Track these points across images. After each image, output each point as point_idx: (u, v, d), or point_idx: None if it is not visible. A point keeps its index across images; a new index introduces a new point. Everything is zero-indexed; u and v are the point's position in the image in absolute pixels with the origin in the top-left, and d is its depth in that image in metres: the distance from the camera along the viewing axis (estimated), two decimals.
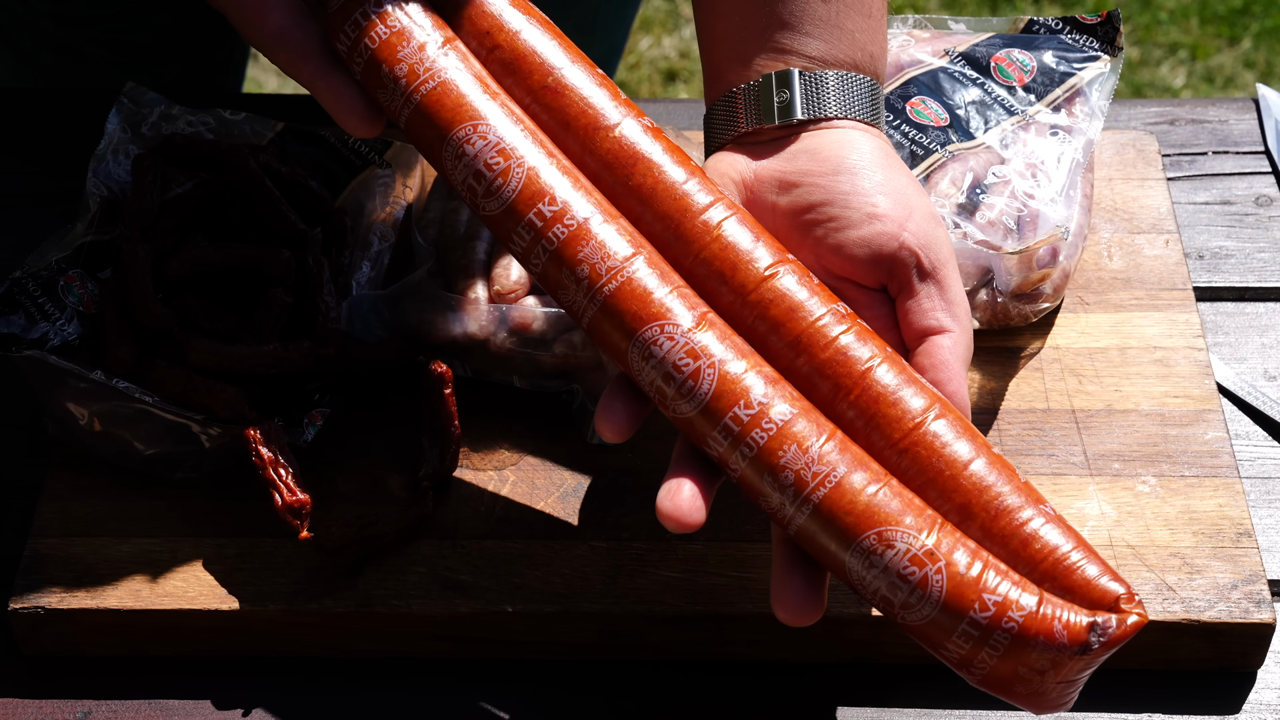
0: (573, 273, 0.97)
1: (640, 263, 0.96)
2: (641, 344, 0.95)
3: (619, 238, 0.97)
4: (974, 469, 0.92)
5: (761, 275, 0.97)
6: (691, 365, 0.94)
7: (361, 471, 1.11)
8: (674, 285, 0.96)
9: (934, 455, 0.93)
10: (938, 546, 0.90)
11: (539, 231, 0.97)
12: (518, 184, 0.98)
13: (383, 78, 1.00)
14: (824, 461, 0.92)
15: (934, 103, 1.20)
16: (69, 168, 1.25)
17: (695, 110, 1.40)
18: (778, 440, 0.92)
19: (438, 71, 0.99)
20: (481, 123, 0.99)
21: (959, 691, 1.04)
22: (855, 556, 0.91)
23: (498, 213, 0.98)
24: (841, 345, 0.95)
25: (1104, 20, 1.26)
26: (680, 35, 2.81)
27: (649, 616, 1.04)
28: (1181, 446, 1.12)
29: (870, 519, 0.90)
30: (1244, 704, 1.04)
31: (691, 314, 0.95)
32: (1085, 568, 0.90)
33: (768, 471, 0.92)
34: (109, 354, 1.08)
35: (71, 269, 1.12)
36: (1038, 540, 0.91)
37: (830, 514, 0.91)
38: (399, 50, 1.00)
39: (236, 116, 1.23)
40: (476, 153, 0.98)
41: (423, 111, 0.99)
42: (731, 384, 0.93)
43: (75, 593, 1.04)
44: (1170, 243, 1.25)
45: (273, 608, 1.04)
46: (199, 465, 1.10)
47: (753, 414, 0.93)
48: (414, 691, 1.05)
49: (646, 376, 0.96)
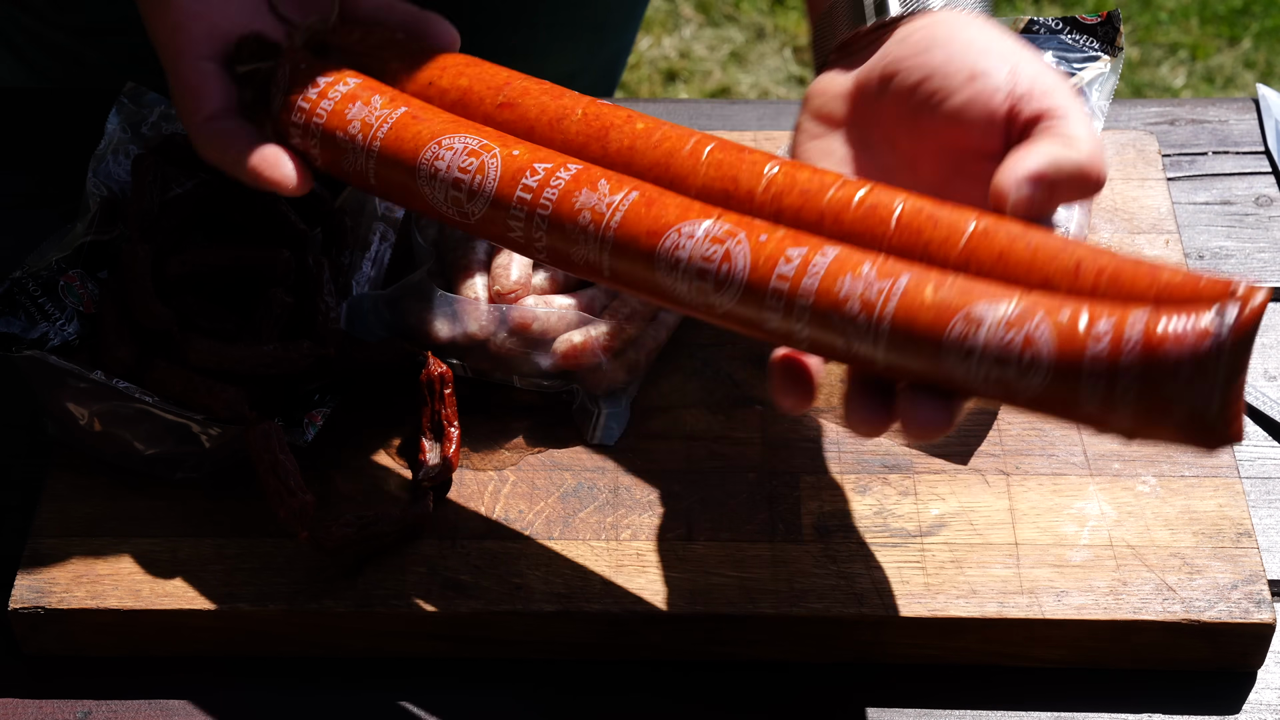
0: (576, 226, 0.93)
1: (640, 191, 0.93)
2: (665, 257, 0.91)
3: (613, 182, 0.94)
4: (1042, 245, 0.87)
5: (763, 176, 0.93)
6: (720, 250, 0.90)
7: (361, 471, 1.11)
8: (684, 203, 0.92)
9: (996, 251, 0.88)
10: (1030, 308, 0.84)
11: (530, 206, 0.94)
12: (495, 172, 0.96)
13: (340, 143, 1.00)
14: (883, 277, 0.87)
15: None
16: (69, 168, 1.25)
17: (695, 110, 1.41)
18: (829, 280, 0.87)
19: (389, 116, 0.99)
20: (444, 138, 0.98)
21: (959, 691, 1.04)
22: (949, 353, 0.85)
23: (485, 210, 0.96)
24: (868, 202, 0.90)
25: (1104, 20, 1.26)
26: (680, 35, 2.81)
27: (649, 616, 1.04)
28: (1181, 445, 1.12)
29: (948, 308, 0.85)
30: (1244, 704, 1.04)
31: (708, 219, 0.91)
32: (1184, 278, 0.83)
33: (831, 313, 0.87)
34: (109, 354, 1.08)
35: (71, 269, 1.12)
36: (1127, 271, 0.84)
37: (907, 320, 0.86)
38: (347, 112, 1.00)
39: None
40: (448, 164, 0.97)
41: (385, 155, 0.99)
42: (766, 252, 0.89)
43: (75, 593, 1.04)
44: (1170, 243, 1.25)
45: (273, 608, 1.04)
46: (199, 465, 1.10)
47: (794, 267, 0.88)
48: (414, 691, 1.05)
49: (681, 290, 0.91)
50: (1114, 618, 1.03)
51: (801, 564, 1.06)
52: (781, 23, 2.83)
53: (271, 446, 1.05)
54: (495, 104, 1.00)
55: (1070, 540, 1.07)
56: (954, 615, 1.04)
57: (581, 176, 0.95)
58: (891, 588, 1.05)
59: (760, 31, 2.82)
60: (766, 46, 2.80)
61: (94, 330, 1.11)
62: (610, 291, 1.15)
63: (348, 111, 1.00)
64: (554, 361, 1.13)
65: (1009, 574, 1.05)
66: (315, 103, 1.01)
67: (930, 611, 1.04)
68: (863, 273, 0.87)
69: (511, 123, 1.00)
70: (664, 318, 1.15)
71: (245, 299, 1.13)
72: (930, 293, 0.86)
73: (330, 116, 1.00)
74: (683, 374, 1.16)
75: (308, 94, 1.01)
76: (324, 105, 1.00)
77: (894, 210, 0.90)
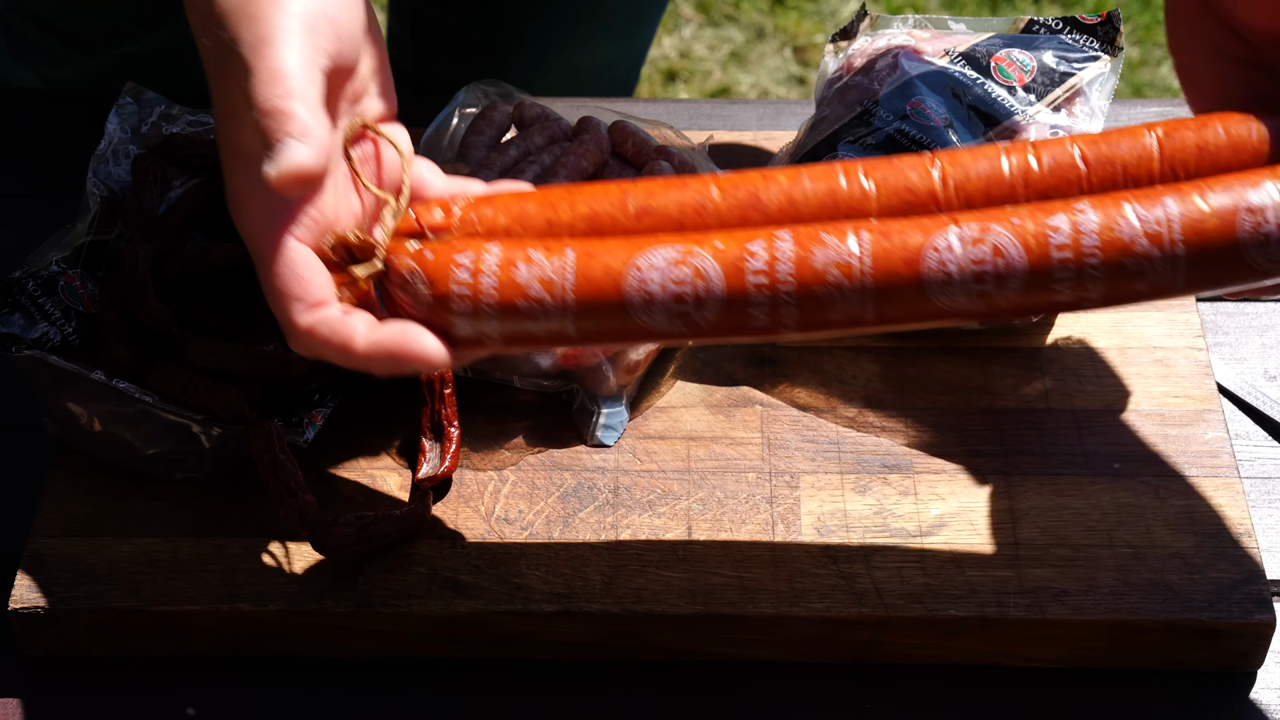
0: (828, 287, 0.90)
1: (867, 229, 0.91)
2: (932, 280, 0.90)
3: (831, 232, 0.91)
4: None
5: (933, 177, 0.94)
6: (985, 246, 0.90)
7: (361, 471, 1.11)
8: (919, 222, 0.92)
9: (1204, 155, 0.94)
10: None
11: (770, 288, 0.90)
12: (714, 271, 0.90)
13: (525, 311, 0.91)
14: (1154, 206, 0.91)
15: (934, 102, 1.20)
16: (69, 168, 1.25)
17: (695, 110, 1.41)
18: (1106, 235, 0.90)
19: (564, 264, 0.91)
20: (638, 261, 0.91)
21: (959, 691, 1.04)
22: (1248, 248, 0.90)
23: (719, 312, 0.91)
24: (1044, 162, 0.94)
25: (1104, 20, 1.26)
26: (680, 35, 2.81)
27: (649, 616, 1.04)
28: (1181, 446, 1.12)
29: (1229, 214, 0.89)
30: (1244, 704, 1.04)
31: (952, 227, 0.91)
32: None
33: (1124, 262, 0.90)
34: (109, 354, 1.08)
35: (71, 269, 1.12)
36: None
37: (1198, 239, 0.90)
38: (517, 278, 0.91)
39: None
40: (659, 285, 0.90)
41: (585, 303, 0.91)
42: (1034, 234, 0.90)
43: (75, 593, 1.04)
44: None
45: (273, 608, 1.04)
46: (199, 465, 1.10)
47: (1066, 242, 0.90)
48: (414, 691, 1.05)
49: (960, 302, 0.90)
50: (1114, 618, 1.03)
51: (801, 564, 1.06)
52: (781, 23, 2.83)
53: (271, 446, 1.05)
54: (631, 215, 0.94)
55: (1070, 540, 1.07)
56: (954, 615, 1.04)
57: (801, 239, 0.91)
58: (891, 588, 1.05)
59: (760, 31, 2.82)
60: (766, 46, 2.80)
61: (94, 330, 1.11)
62: None
63: (516, 277, 0.91)
64: (554, 361, 1.13)
65: (1009, 574, 1.05)
66: (474, 283, 0.91)
67: (930, 611, 1.04)
68: (1131, 212, 0.91)
69: (659, 226, 0.94)
70: None
71: (245, 299, 1.13)
72: (1204, 208, 0.91)
73: (502, 290, 0.91)
74: (683, 374, 1.16)
75: (457, 278, 0.92)
76: (486, 281, 0.91)
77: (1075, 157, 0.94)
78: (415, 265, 0.92)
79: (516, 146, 1.22)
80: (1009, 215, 0.91)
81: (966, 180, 0.94)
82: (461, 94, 1.26)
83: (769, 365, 1.16)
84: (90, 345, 1.10)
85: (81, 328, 1.11)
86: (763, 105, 1.41)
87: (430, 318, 0.93)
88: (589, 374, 1.13)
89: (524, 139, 1.23)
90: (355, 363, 0.93)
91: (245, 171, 0.92)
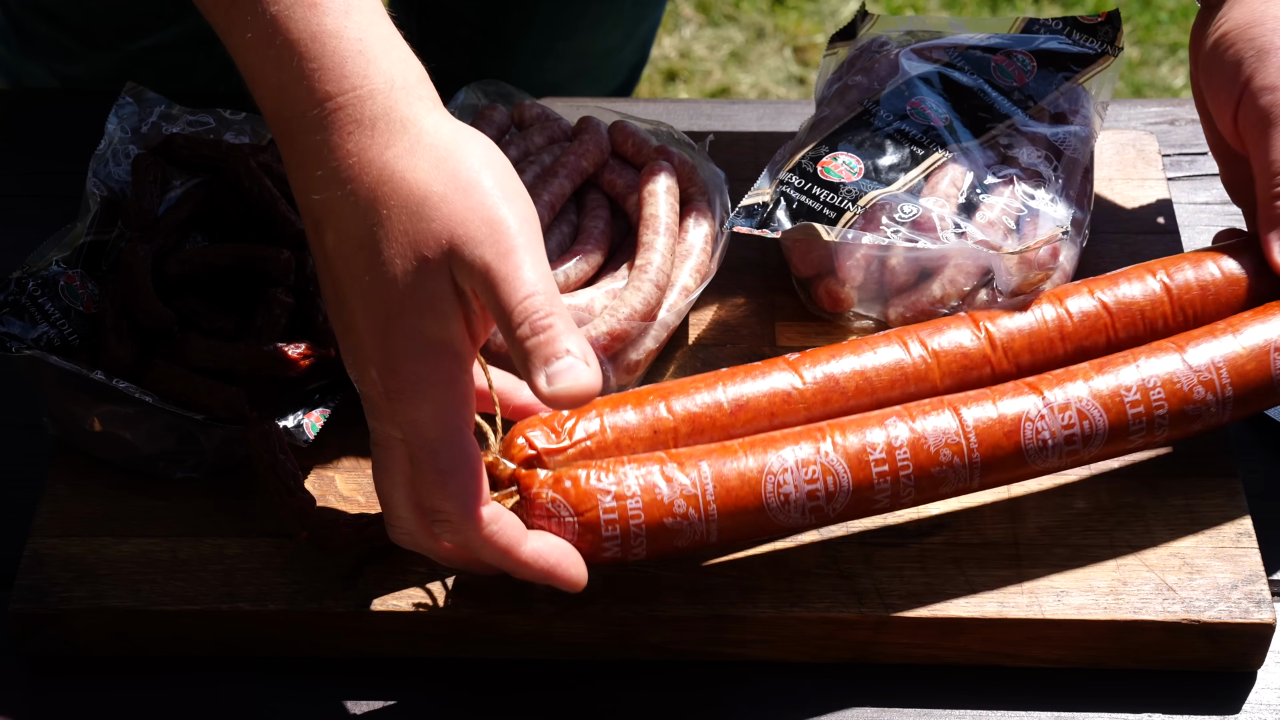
0: (941, 467, 1.00)
1: (950, 406, 1.02)
2: (1030, 449, 1.02)
3: (935, 409, 1.01)
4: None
5: (978, 344, 1.07)
6: (1071, 412, 1.02)
7: (362, 471, 1.11)
8: (990, 396, 1.02)
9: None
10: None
11: (892, 475, 1.00)
12: (842, 468, 0.99)
13: (672, 529, 0.99)
14: (1199, 354, 1.05)
15: (934, 102, 1.20)
16: (69, 168, 1.25)
17: (695, 110, 1.41)
18: (1169, 387, 1.04)
19: (698, 480, 0.99)
20: (769, 467, 0.99)
21: (959, 691, 1.04)
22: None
23: (848, 502, 1.00)
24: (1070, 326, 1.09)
25: (1104, 20, 1.26)
26: (680, 35, 2.81)
27: (649, 616, 1.04)
28: (1181, 446, 1.12)
29: (1262, 354, 1.05)
30: (1244, 704, 1.04)
31: (1035, 396, 1.02)
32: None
33: (1185, 409, 1.04)
34: (109, 354, 1.08)
35: (71, 269, 1.12)
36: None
37: (1241, 380, 1.05)
38: (660, 499, 0.98)
39: (237, 116, 1.23)
40: (795, 486, 0.99)
41: (728, 512, 0.99)
42: (1109, 395, 1.03)
43: (75, 593, 1.04)
44: (1170, 243, 1.25)
45: (273, 608, 1.04)
46: (199, 465, 1.10)
47: (1137, 399, 1.03)
48: (414, 691, 1.05)
49: (1052, 463, 1.03)
50: (1114, 618, 1.03)
51: (801, 564, 1.06)
52: (781, 23, 2.83)
53: (271, 446, 1.05)
54: (727, 414, 1.03)
55: (1070, 540, 1.07)
56: (954, 615, 1.04)
57: (906, 427, 1.00)
58: (891, 588, 1.05)
59: (760, 31, 2.82)
60: (766, 46, 2.80)
61: (94, 330, 1.11)
62: (610, 291, 1.15)
63: (660, 498, 0.98)
64: None
65: (1009, 574, 1.05)
66: (621, 508, 0.98)
67: (930, 611, 1.04)
68: (1185, 369, 1.05)
69: (753, 419, 1.03)
70: (664, 318, 1.15)
71: (245, 299, 1.13)
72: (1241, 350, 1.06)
73: (648, 511, 0.98)
74: (683, 374, 1.16)
75: (604, 505, 0.98)
76: (631, 505, 0.98)
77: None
78: (557, 495, 0.98)
79: (516, 146, 1.22)
80: (1078, 376, 1.03)
81: (1011, 339, 1.07)
82: (462, 94, 1.26)
83: None
84: (90, 345, 1.10)
85: (81, 328, 1.11)
86: (763, 105, 1.41)
87: (576, 541, 0.98)
88: None
89: (524, 139, 1.23)
90: (510, 565, 0.96)
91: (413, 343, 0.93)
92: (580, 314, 1.13)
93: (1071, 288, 1.09)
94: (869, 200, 1.15)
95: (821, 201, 1.15)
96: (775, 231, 1.14)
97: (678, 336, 1.19)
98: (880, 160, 1.17)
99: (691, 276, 1.17)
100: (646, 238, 1.16)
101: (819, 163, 1.17)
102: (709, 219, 1.20)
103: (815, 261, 1.18)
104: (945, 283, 1.17)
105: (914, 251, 1.16)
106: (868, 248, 1.16)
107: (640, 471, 0.99)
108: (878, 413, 1.02)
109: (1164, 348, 1.05)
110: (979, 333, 1.07)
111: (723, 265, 1.20)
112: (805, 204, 1.15)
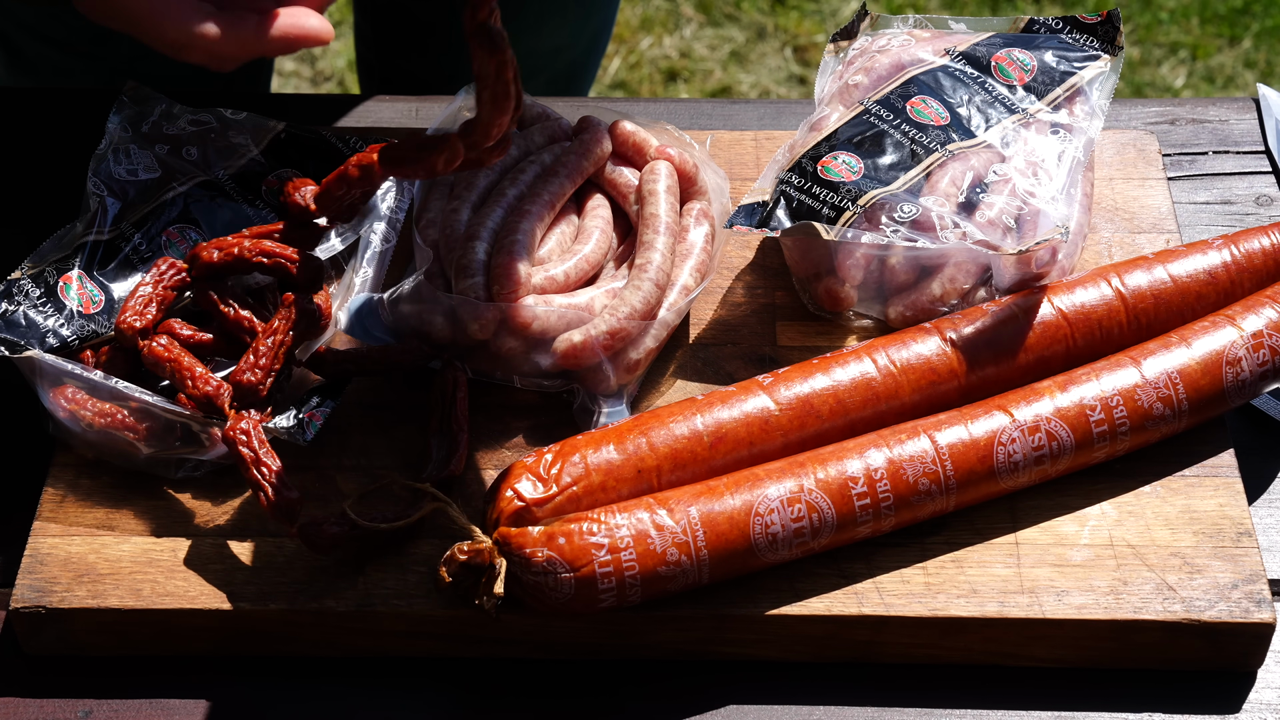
0: (918, 494, 1.04)
1: (930, 429, 1.05)
2: (1001, 469, 1.06)
3: (911, 436, 1.05)
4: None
5: (946, 363, 1.11)
6: (1041, 436, 1.06)
7: (361, 471, 1.11)
8: (961, 419, 1.07)
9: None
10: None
11: (874, 506, 1.03)
12: (826, 504, 1.03)
13: (666, 575, 1.01)
14: (1156, 367, 1.10)
15: (935, 102, 1.20)
16: (69, 168, 1.25)
17: (695, 110, 1.41)
18: (1130, 403, 1.08)
19: (688, 524, 1.01)
20: (757, 506, 1.02)
21: (959, 691, 1.04)
22: (1230, 393, 1.11)
23: (831, 535, 1.03)
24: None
25: (1104, 20, 1.26)
26: (680, 35, 2.81)
27: (649, 617, 1.04)
28: (1181, 446, 1.12)
29: (1214, 365, 1.10)
30: (1244, 704, 1.04)
31: (1003, 416, 1.06)
32: None
33: (1144, 422, 1.08)
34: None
35: (71, 269, 1.12)
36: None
37: (1196, 392, 1.10)
38: (653, 547, 1.00)
39: (238, 116, 1.23)
40: (780, 525, 1.02)
41: (719, 555, 1.01)
42: (1074, 411, 1.07)
43: (75, 593, 1.04)
44: (1171, 242, 1.25)
45: (273, 608, 1.04)
46: (199, 465, 1.09)
47: (1101, 418, 1.08)
48: (413, 691, 1.05)
49: (1022, 479, 1.07)
50: (1114, 617, 1.03)
51: (802, 564, 1.06)
52: (782, 22, 2.83)
53: (251, 444, 1.04)
54: (706, 447, 1.06)
55: (1070, 540, 1.07)
56: (954, 615, 1.04)
57: (888, 454, 1.04)
58: (892, 588, 1.05)
59: (761, 31, 2.82)
60: (767, 46, 2.80)
61: (94, 330, 1.11)
62: (610, 291, 1.15)
63: (652, 547, 1.00)
64: (554, 361, 1.13)
65: (1009, 574, 1.05)
66: (616, 560, 1.00)
67: (930, 611, 1.04)
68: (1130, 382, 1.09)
69: (733, 450, 1.06)
70: (664, 317, 1.15)
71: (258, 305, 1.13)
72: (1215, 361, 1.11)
73: (641, 560, 1.00)
74: (683, 374, 1.16)
75: (599, 560, 0.99)
76: (625, 556, 1.00)
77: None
78: (553, 553, 0.99)
79: (517, 145, 1.22)
80: (1044, 393, 1.07)
81: (964, 370, 1.10)
82: (462, 94, 1.26)
83: (769, 365, 1.16)
84: (90, 345, 1.10)
85: (82, 328, 1.11)
86: (763, 105, 1.41)
87: (573, 595, 1.00)
88: (589, 373, 1.13)
89: (524, 138, 1.23)
90: (255, 44, 1.08)
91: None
92: (580, 313, 1.13)
93: (1033, 292, 1.13)
94: (869, 199, 1.15)
95: (821, 201, 1.15)
96: (775, 231, 1.14)
97: (678, 336, 1.19)
98: (880, 159, 1.17)
99: (692, 276, 1.17)
100: (646, 237, 1.16)
101: (819, 162, 1.17)
102: (709, 218, 1.20)
103: (815, 261, 1.18)
104: (945, 281, 1.17)
105: (914, 251, 1.16)
106: (867, 247, 1.16)
107: (631, 520, 1.01)
108: (854, 441, 1.05)
109: (1121, 362, 1.09)
110: (945, 343, 1.10)
111: (723, 265, 1.20)
112: (805, 203, 1.15)
